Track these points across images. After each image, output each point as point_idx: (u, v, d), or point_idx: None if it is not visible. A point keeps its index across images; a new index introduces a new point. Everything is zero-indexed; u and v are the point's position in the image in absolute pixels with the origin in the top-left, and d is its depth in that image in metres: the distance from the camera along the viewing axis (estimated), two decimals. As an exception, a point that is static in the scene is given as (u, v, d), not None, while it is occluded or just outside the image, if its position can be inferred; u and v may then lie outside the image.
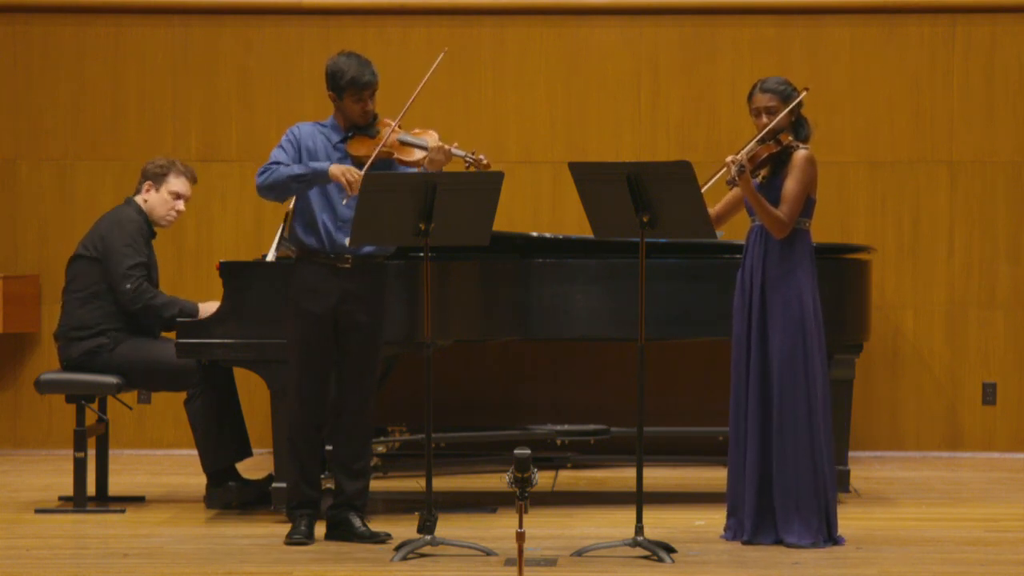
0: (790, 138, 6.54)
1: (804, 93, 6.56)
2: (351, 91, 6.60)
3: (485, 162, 6.61)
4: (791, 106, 6.54)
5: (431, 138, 6.65)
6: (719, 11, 9.31)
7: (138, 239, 7.53)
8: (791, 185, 6.50)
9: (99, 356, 7.46)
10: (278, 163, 6.57)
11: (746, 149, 6.48)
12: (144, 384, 7.66)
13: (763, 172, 6.57)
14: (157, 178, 7.64)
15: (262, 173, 6.58)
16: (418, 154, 6.63)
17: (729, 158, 6.41)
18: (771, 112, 6.55)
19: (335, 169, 6.49)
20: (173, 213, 7.67)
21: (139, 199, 7.66)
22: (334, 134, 6.68)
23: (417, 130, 6.72)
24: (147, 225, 7.63)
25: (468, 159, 6.60)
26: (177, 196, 7.66)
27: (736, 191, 6.65)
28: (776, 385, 6.50)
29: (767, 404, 6.52)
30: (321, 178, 6.52)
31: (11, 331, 9.16)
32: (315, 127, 6.71)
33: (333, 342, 6.63)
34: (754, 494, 6.50)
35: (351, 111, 6.64)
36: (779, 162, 6.54)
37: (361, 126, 6.66)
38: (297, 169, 6.54)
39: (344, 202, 6.52)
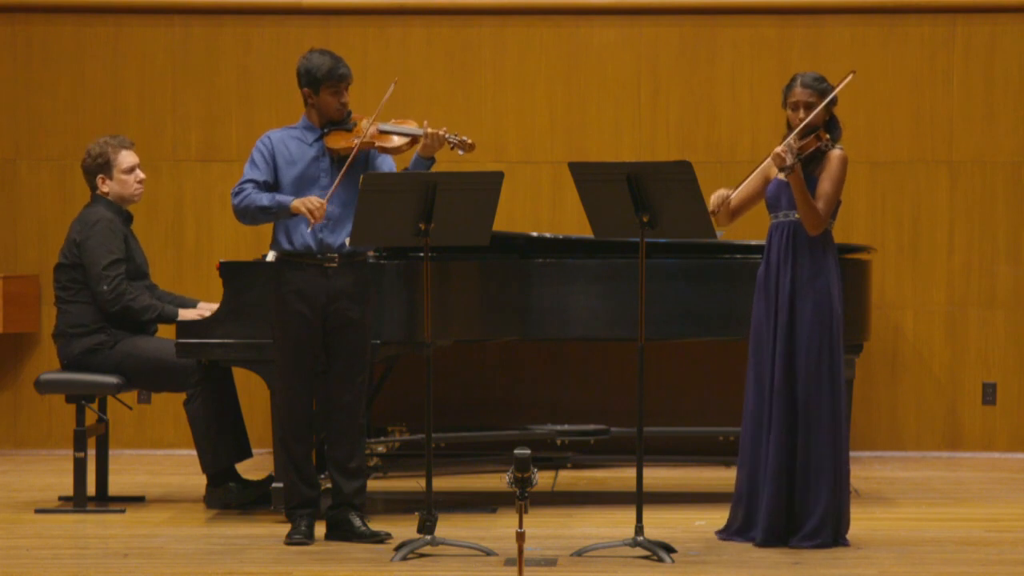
0: (828, 136, 6.54)
1: (851, 76, 6.53)
2: (328, 84, 6.62)
3: (470, 142, 6.61)
4: (825, 102, 6.54)
5: (411, 126, 6.66)
6: (719, 11, 9.31)
7: (111, 237, 7.51)
8: (827, 184, 6.50)
9: (99, 354, 7.46)
10: (253, 181, 6.60)
11: (791, 140, 6.45)
12: (144, 384, 7.66)
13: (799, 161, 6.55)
14: (103, 168, 7.61)
15: (237, 194, 6.62)
16: (396, 140, 6.63)
17: (780, 148, 6.39)
18: (809, 107, 6.54)
19: (295, 203, 6.50)
20: (138, 187, 7.66)
21: (100, 192, 7.63)
22: (308, 134, 6.69)
23: (394, 120, 6.73)
24: (119, 215, 7.61)
25: (452, 141, 6.60)
26: (130, 170, 7.64)
27: (754, 184, 6.64)
28: (802, 387, 6.47)
29: (793, 405, 6.48)
30: (285, 212, 6.53)
31: (11, 331, 9.16)
32: (285, 132, 6.71)
33: (322, 342, 6.63)
34: (771, 497, 6.47)
35: (328, 105, 6.65)
36: (812, 159, 6.53)
37: (337, 121, 6.68)
38: (265, 201, 6.56)
39: (308, 230, 6.52)
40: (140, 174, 7.67)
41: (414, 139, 6.64)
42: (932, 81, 9.29)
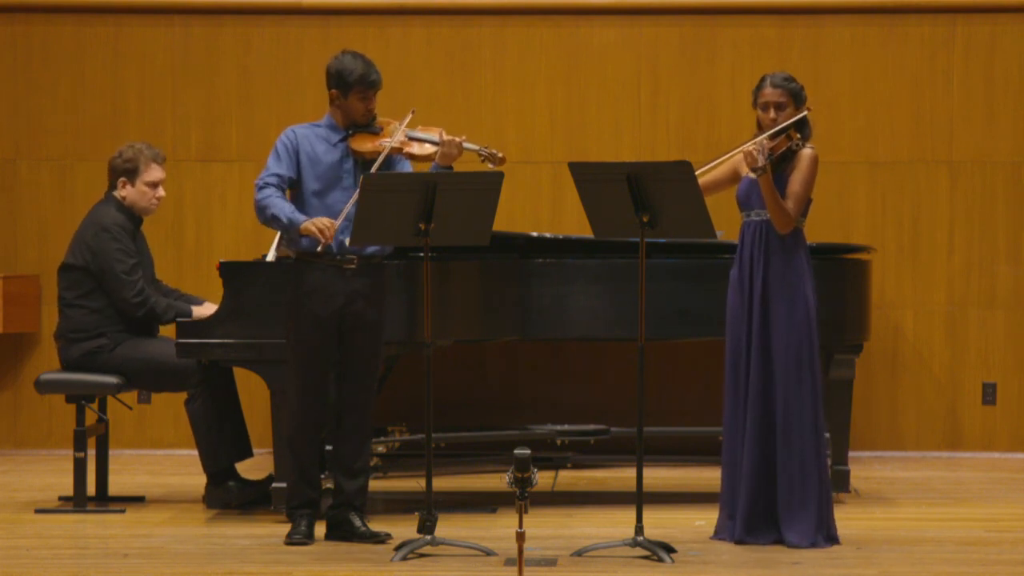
0: (798, 136, 6.54)
1: (806, 112, 6.55)
2: (358, 89, 6.61)
3: (500, 156, 6.61)
4: (797, 117, 6.53)
5: (438, 133, 6.65)
6: (719, 11, 9.31)
7: (124, 237, 7.51)
8: (798, 183, 6.50)
9: (99, 357, 7.46)
10: (278, 175, 6.58)
11: (759, 140, 6.45)
12: (144, 384, 7.66)
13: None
14: (129, 173, 7.60)
15: (261, 189, 6.59)
16: (428, 148, 6.63)
17: (749, 146, 6.39)
18: (780, 107, 6.54)
19: (306, 225, 6.47)
20: (155, 202, 7.66)
21: (117, 195, 7.63)
22: (333, 134, 6.69)
23: (421, 127, 6.73)
24: (130, 218, 7.61)
25: (483, 153, 6.60)
26: (154, 185, 7.63)
27: (722, 172, 6.65)
28: (780, 383, 6.48)
29: (769, 403, 6.50)
30: (294, 230, 6.51)
31: (11, 331, 9.16)
32: (310, 129, 6.70)
33: (336, 343, 6.63)
34: (750, 494, 6.49)
35: (355, 109, 6.64)
36: (782, 158, 6.53)
37: (361, 124, 6.67)
38: (281, 215, 6.51)
39: (319, 249, 6.49)
40: (161, 191, 7.66)
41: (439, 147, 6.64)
42: (932, 81, 9.29)
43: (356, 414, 6.69)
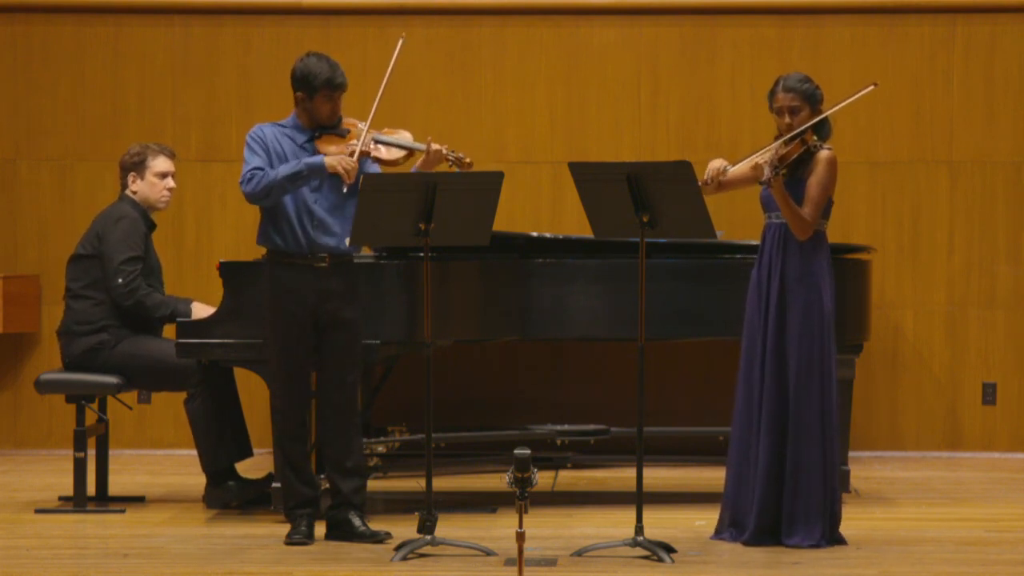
0: (815, 138, 6.51)
1: (871, 88, 6.51)
2: (324, 92, 6.60)
3: (467, 161, 6.62)
4: (814, 121, 6.51)
5: (406, 137, 6.66)
6: (719, 11, 9.31)
7: (133, 235, 7.53)
8: (814, 187, 6.46)
9: (100, 354, 7.46)
10: (260, 168, 6.56)
11: (773, 148, 6.44)
12: (144, 384, 7.66)
13: (783, 171, 6.53)
14: (137, 167, 7.63)
15: (248, 181, 6.54)
16: (396, 152, 6.63)
17: (759, 159, 6.38)
18: (794, 111, 6.51)
19: (331, 160, 6.50)
20: (166, 193, 7.68)
21: (129, 193, 7.66)
22: (299, 134, 6.67)
23: (387, 129, 6.73)
24: (144, 219, 7.62)
25: (450, 157, 6.60)
26: (163, 175, 7.65)
27: (745, 168, 6.59)
28: (792, 387, 6.46)
29: (783, 405, 6.48)
30: (317, 172, 6.51)
31: (11, 331, 9.16)
32: (275, 128, 6.69)
33: (314, 342, 6.63)
34: (762, 501, 6.47)
35: (321, 111, 6.63)
36: (800, 161, 6.50)
37: (327, 126, 6.66)
38: (290, 168, 6.52)
39: (344, 190, 6.51)
40: (171, 182, 7.68)
41: (410, 152, 6.65)
42: (932, 81, 9.29)
43: (339, 414, 6.67)
